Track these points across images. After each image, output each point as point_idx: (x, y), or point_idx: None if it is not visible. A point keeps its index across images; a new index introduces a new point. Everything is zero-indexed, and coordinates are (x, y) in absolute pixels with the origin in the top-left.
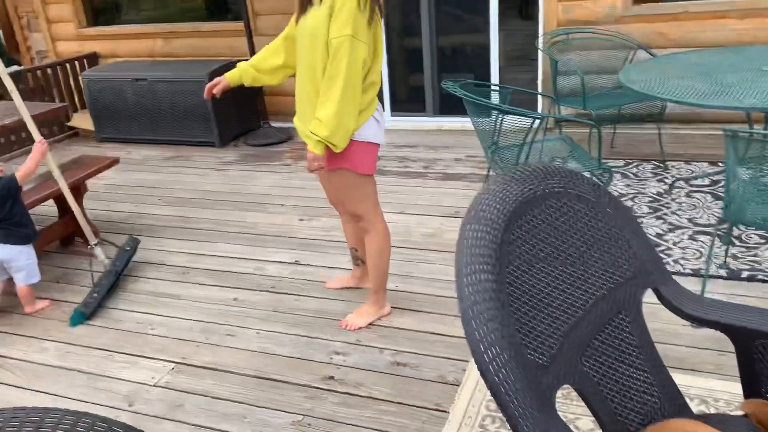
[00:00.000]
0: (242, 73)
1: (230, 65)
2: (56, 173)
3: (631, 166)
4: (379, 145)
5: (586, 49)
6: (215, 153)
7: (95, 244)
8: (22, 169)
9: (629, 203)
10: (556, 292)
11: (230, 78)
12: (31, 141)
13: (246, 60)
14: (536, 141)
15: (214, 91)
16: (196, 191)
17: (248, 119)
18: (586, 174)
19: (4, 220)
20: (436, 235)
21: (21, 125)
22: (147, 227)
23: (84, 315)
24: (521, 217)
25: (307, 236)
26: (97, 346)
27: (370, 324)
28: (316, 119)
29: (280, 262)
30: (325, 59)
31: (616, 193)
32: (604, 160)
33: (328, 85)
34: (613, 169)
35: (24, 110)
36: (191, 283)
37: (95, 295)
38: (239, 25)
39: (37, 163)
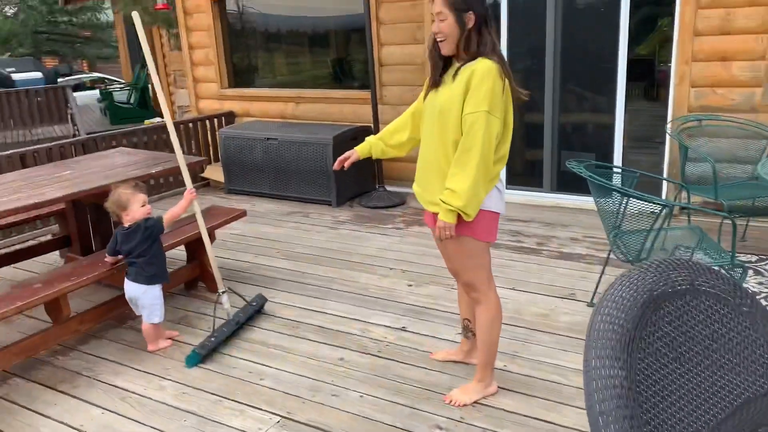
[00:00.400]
0: (371, 147)
1: (354, 130)
2: (200, 221)
3: (764, 263)
4: (499, 213)
5: (718, 136)
6: (331, 211)
7: (223, 292)
8: (170, 213)
9: (762, 303)
10: (689, 396)
11: (360, 151)
12: (168, 188)
13: (368, 126)
14: (662, 228)
15: (345, 164)
16: (311, 247)
17: (365, 181)
18: (715, 268)
19: (140, 257)
20: (549, 316)
21: (163, 173)
22: (264, 278)
23: (200, 357)
24: (656, 312)
25: (414, 303)
26: (209, 390)
27: (475, 402)
28: (449, 190)
29: (387, 326)
30: (457, 133)
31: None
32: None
33: (462, 158)
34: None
35: (182, 160)
36: (300, 338)
37: (212, 339)
38: (365, 93)
39: (184, 209)
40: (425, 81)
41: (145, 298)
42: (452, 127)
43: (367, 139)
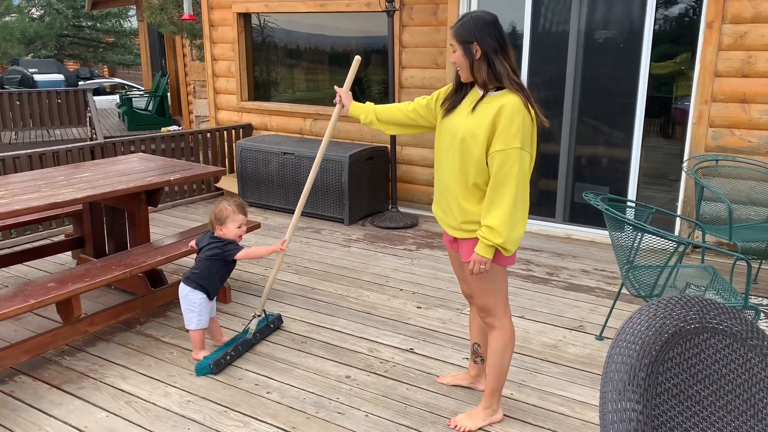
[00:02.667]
0: (365, 110)
1: (371, 150)
2: (275, 271)
3: None
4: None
5: (735, 177)
6: (343, 229)
7: (258, 316)
8: (252, 251)
9: None
10: None
11: (353, 107)
12: (182, 196)
13: (385, 147)
14: (675, 265)
15: (337, 99)
16: (322, 263)
17: (378, 202)
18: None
19: (201, 266)
20: (557, 347)
21: (181, 181)
22: (273, 291)
23: (210, 370)
24: (673, 349)
25: (423, 325)
26: (214, 400)
27: (480, 428)
28: (487, 226)
29: (395, 347)
30: (478, 174)
31: None
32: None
33: (496, 194)
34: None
35: (310, 183)
36: (307, 353)
37: (228, 357)
38: None
39: (263, 255)
40: (442, 90)
41: (185, 302)
42: (475, 159)
43: (367, 104)
